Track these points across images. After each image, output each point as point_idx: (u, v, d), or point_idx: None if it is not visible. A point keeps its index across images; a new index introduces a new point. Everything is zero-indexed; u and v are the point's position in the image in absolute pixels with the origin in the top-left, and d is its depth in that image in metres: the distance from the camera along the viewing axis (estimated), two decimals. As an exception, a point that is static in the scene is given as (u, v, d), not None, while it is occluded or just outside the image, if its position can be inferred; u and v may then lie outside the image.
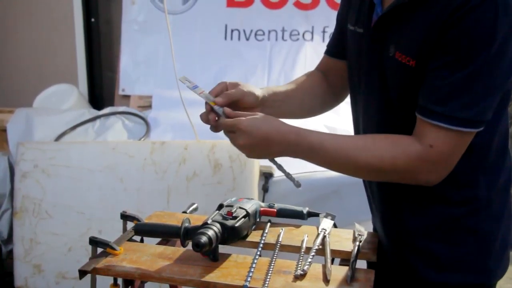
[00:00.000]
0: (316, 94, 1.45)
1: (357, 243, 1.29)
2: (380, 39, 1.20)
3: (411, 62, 1.13)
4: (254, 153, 1.20)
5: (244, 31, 3.45)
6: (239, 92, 1.28)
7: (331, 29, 3.42)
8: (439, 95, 1.10)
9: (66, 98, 3.40)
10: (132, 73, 3.45)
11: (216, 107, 1.25)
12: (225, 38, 3.46)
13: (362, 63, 1.28)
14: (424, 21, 1.10)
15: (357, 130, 1.36)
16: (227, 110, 1.24)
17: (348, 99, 1.45)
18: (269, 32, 3.45)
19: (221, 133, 1.27)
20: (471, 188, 1.22)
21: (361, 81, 1.29)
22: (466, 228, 1.24)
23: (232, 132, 1.20)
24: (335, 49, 1.46)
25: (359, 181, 1.48)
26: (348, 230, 1.39)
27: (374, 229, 1.48)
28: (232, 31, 3.46)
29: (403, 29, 1.15)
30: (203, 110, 1.30)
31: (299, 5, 3.45)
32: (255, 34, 3.45)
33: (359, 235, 1.34)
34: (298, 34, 3.43)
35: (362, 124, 1.31)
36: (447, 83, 1.08)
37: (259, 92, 1.32)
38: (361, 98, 1.30)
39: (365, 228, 1.40)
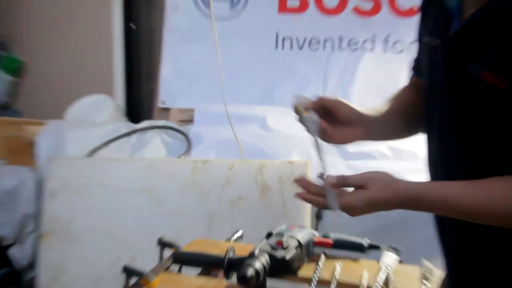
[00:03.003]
0: (416, 115, 1.41)
1: (426, 282, 1.24)
2: (460, 53, 1.15)
3: (501, 83, 1.06)
4: (373, 208, 1.18)
5: (297, 39, 3.45)
6: (335, 100, 1.27)
7: (394, 38, 3.38)
8: None
9: (100, 110, 3.46)
10: (173, 84, 3.49)
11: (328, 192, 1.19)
12: (276, 47, 3.47)
13: (435, 83, 1.23)
14: None
15: (431, 164, 1.31)
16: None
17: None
18: (325, 41, 3.44)
19: (270, 151, 1.24)
20: None
21: (433, 106, 1.24)
22: None
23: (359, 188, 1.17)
24: (415, 65, 1.42)
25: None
26: (415, 267, 1.35)
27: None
28: (283, 39, 3.46)
29: (490, 43, 1.09)
30: (249, 125, 1.28)
31: (358, 11, 3.43)
32: (309, 43, 3.44)
33: (428, 273, 1.30)
34: (358, 43, 3.41)
35: (436, 158, 1.26)
36: None
37: (358, 107, 1.29)
38: (435, 127, 1.25)
39: (435, 266, 1.35)
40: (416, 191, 1.12)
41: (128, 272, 1.26)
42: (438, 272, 1.33)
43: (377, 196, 1.13)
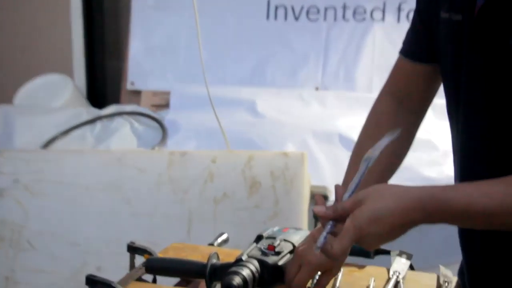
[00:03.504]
0: (402, 146, 1.45)
1: (443, 292, 1.27)
2: (490, 27, 1.17)
3: None
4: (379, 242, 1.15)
5: (292, 8, 3.46)
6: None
7: (409, 6, 3.39)
8: None
9: (57, 93, 3.46)
10: (144, 62, 3.49)
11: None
12: (267, 17, 3.47)
13: (461, 63, 1.24)
14: None
15: (456, 159, 1.33)
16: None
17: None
18: (326, 9, 3.45)
19: (261, 140, 1.25)
20: None
21: (460, 88, 1.26)
22: None
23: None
24: (417, 48, 1.43)
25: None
26: (430, 274, 1.37)
27: (460, 273, 1.46)
28: (276, 8, 3.47)
29: None
30: (235, 110, 1.30)
31: (366, -26, 3.44)
32: (307, 12, 3.45)
33: (445, 281, 1.32)
34: (365, 12, 3.42)
35: (461, 144, 1.28)
36: None
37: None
38: (460, 112, 1.27)
39: (453, 273, 1.38)
40: (432, 192, 1.12)
41: (93, 283, 1.27)
42: (456, 280, 1.35)
43: (378, 205, 1.10)
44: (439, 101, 1.38)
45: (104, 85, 3.85)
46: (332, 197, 2.49)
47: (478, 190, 1.09)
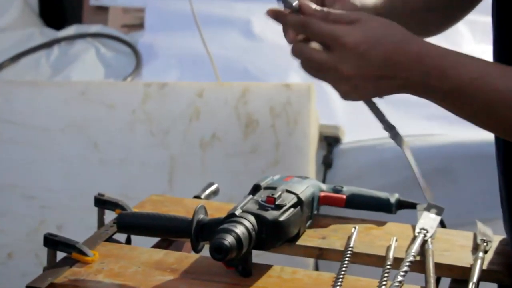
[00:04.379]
0: None
1: (481, 254, 1.29)
2: None
3: None
4: (360, 90, 1.18)
5: None
6: None
7: None
8: None
9: (1, 10, 3.42)
10: (112, -31, 3.46)
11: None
12: None
13: None
14: None
15: None
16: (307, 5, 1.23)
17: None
18: None
19: (257, 69, 1.28)
20: None
21: None
22: None
23: (326, 47, 1.19)
24: None
25: (487, 152, 1.46)
26: (465, 232, 1.39)
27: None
28: None
29: None
30: (226, 32, 1.31)
31: None
32: None
33: (484, 241, 1.34)
34: None
35: None
36: None
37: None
38: None
39: (493, 231, 1.39)
40: (444, 51, 1.16)
41: (53, 244, 1.28)
42: (497, 240, 1.37)
43: (380, 29, 1.16)
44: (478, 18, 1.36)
45: None
46: (345, 139, 2.50)
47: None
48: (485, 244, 1.33)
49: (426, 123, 2.48)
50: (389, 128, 1.32)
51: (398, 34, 1.17)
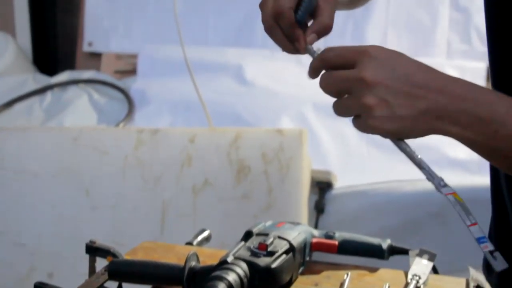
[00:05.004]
0: None
1: (474, 300, 1.29)
2: None
3: None
4: (393, 107, 1.09)
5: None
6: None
7: None
8: None
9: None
10: (105, 17, 3.48)
11: (309, 47, 1.25)
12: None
13: None
14: None
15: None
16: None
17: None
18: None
19: (250, 115, 1.27)
20: None
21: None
22: None
23: (348, 64, 1.15)
24: None
25: (479, 197, 1.47)
26: (457, 278, 1.38)
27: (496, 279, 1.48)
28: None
29: None
30: (218, 78, 1.32)
31: None
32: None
33: (477, 287, 1.34)
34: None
35: None
36: None
37: None
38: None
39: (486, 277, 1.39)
40: (462, 80, 1.12)
41: (44, 292, 1.28)
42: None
43: (390, 53, 1.12)
44: (469, 64, 1.38)
45: (54, 46, 3.84)
46: (337, 184, 2.50)
47: None
48: (478, 290, 1.33)
49: (416, 168, 2.49)
50: (431, 177, 1.27)
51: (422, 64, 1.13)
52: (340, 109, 1.14)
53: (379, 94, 1.09)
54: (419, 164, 1.21)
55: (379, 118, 1.09)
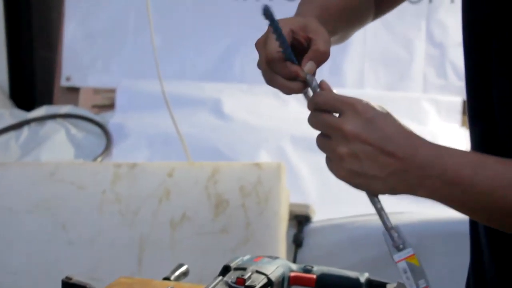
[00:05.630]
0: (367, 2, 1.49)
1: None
2: None
3: None
4: (358, 161, 1.13)
5: (267, -18, 3.48)
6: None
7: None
8: None
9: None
10: (83, 52, 3.48)
11: (309, 77, 1.25)
12: (237, -6, 3.49)
13: (491, 48, 1.28)
14: None
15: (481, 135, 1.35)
16: (325, 83, 1.24)
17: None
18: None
19: (228, 149, 1.28)
20: None
21: (486, 80, 1.29)
22: None
23: (334, 111, 1.17)
24: None
25: (457, 231, 1.48)
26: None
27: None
28: (248, -19, 3.49)
29: None
30: (196, 112, 1.32)
31: None
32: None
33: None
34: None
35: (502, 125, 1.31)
36: None
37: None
38: (495, 85, 1.29)
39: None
40: (435, 145, 1.14)
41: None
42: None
43: (389, 114, 1.14)
44: (444, 98, 1.40)
45: (32, 81, 3.82)
46: (316, 218, 2.50)
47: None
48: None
49: (394, 201, 2.50)
50: (391, 236, 1.28)
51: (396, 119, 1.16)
52: (319, 144, 1.17)
53: (353, 148, 1.12)
54: (385, 224, 1.25)
55: (347, 170, 1.14)
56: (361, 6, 1.50)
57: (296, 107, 3.18)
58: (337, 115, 1.15)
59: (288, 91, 1.26)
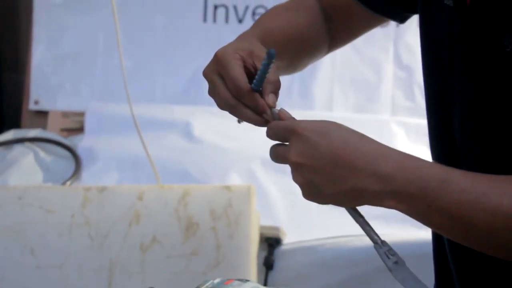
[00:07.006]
0: (318, 33, 1.52)
1: None
2: (484, 23, 1.22)
3: None
4: (319, 186, 1.13)
5: (235, 8, 3.49)
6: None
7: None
8: None
9: None
10: (51, 75, 3.47)
11: (273, 111, 1.26)
12: (205, 19, 3.50)
13: (454, 60, 1.30)
14: None
15: (440, 160, 1.37)
16: (284, 112, 1.25)
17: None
18: (276, 9, 3.49)
19: (198, 171, 1.28)
20: None
21: (450, 88, 1.31)
22: None
23: (284, 141, 1.19)
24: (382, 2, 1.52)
25: (426, 251, 1.48)
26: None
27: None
28: (215, 8, 3.50)
29: None
30: (166, 134, 1.32)
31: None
32: (253, 14, 3.49)
33: None
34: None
35: (449, 155, 1.32)
36: None
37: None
38: (457, 104, 1.31)
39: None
40: (384, 152, 1.14)
41: None
42: None
43: (333, 124, 1.16)
44: (413, 120, 1.41)
45: None
46: (286, 240, 2.51)
47: (494, 188, 1.09)
48: None
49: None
50: (379, 245, 1.28)
51: (347, 133, 1.16)
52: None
53: (304, 175, 1.14)
54: (369, 234, 1.26)
55: (309, 195, 1.16)
56: (312, 37, 1.52)
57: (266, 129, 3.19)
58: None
59: (255, 123, 1.28)
